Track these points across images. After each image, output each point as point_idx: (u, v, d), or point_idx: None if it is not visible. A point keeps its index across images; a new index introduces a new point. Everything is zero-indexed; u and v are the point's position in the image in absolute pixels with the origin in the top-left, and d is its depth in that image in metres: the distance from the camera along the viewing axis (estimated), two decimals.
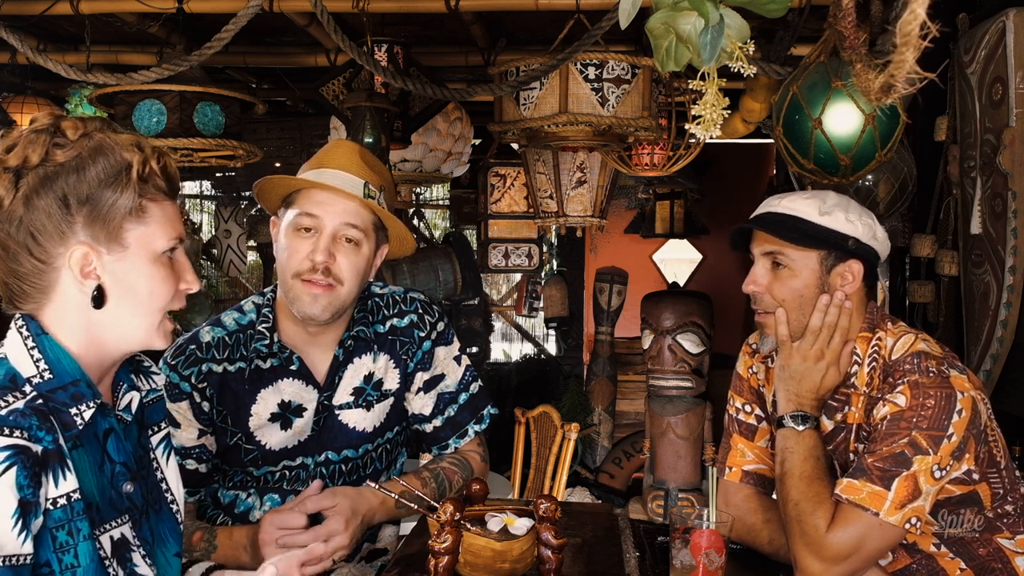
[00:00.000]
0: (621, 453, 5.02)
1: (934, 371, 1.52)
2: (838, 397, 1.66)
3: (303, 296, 1.65)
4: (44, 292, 1.15)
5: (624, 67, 2.71)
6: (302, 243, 1.66)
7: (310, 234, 1.66)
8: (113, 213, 1.14)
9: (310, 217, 1.65)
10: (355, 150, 1.74)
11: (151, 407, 1.32)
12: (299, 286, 1.65)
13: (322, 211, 1.65)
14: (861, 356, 1.63)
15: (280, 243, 1.71)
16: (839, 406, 1.65)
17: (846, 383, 1.64)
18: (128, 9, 3.23)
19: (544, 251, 5.99)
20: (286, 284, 1.68)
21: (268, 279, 6.30)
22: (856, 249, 1.60)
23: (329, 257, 1.64)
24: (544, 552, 1.45)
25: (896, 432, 1.49)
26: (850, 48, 1.30)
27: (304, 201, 1.67)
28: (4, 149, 1.13)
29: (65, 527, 1.09)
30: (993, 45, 2.41)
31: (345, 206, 1.66)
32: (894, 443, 1.48)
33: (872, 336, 1.63)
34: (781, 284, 1.63)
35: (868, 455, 1.50)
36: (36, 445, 1.06)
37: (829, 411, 1.67)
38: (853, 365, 1.63)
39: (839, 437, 1.66)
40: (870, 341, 1.63)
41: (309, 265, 1.64)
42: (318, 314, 1.66)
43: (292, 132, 5.31)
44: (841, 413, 1.65)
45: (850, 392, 1.63)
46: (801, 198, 1.64)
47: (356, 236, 1.68)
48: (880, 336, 1.63)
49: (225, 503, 1.79)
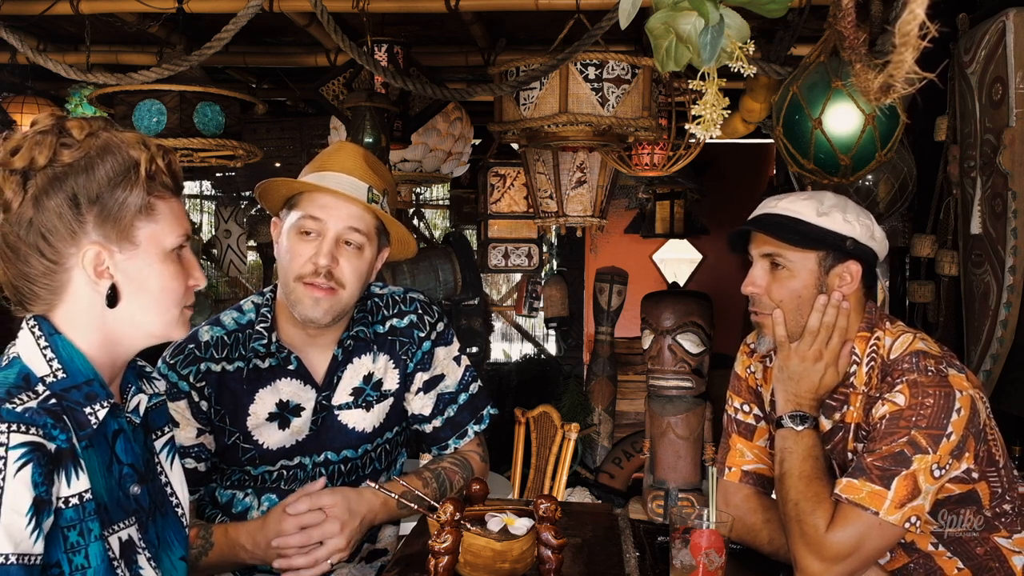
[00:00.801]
0: (621, 453, 5.02)
1: (932, 370, 1.52)
2: (836, 397, 1.66)
3: (304, 299, 1.65)
4: (55, 293, 1.16)
5: (624, 67, 2.71)
6: (305, 246, 1.66)
7: (312, 237, 1.66)
8: (124, 212, 1.15)
9: (313, 220, 1.65)
10: (359, 153, 1.74)
11: (155, 411, 1.32)
12: (301, 289, 1.65)
13: (326, 215, 1.65)
14: (859, 355, 1.63)
15: (282, 245, 1.70)
16: (837, 405, 1.66)
17: (845, 383, 1.64)
18: (128, 9, 3.23)
19: (544, 251, 5.99)
20: (287, 286, 1.68)
21: (268, 279, 6.30)
22: (854, 249, 1.61)
23: (332, 261, 1.64)
24: (544, 552, 1.45)
25: (895, 431, 1.49)
26: (850, 48, 1.30)
27: (308, 204, 1.67)
28: (8, 151, 1.13)
29: (77, 527, 1.09)
30: (993, 45, 2.41)
31: (349, 210, 1.66)
32: (893, 442, 1.48)
33: (871, 336, 1.63)
34: (779, 285, 1.63)
35: (867, 455, 1.50)
36: (51, 443, 1.06)
37: (827, 411, 1.67)
38: (852, 365, 1.63)
39: (837, 437, 1.66)
40: (868, 340, 1.63)
41: (311, 268, 1.64)
42: (319, 317, 1.66)
43: (292, 132, 5.31)
44: (839, 412, 1.65)
45: (848, 392, 1.64)
46: (799, 199, 1.64)
47: (359, 240, 1.68)
48: (879, 336, 1.63)
49: (223, 502, 1.79)
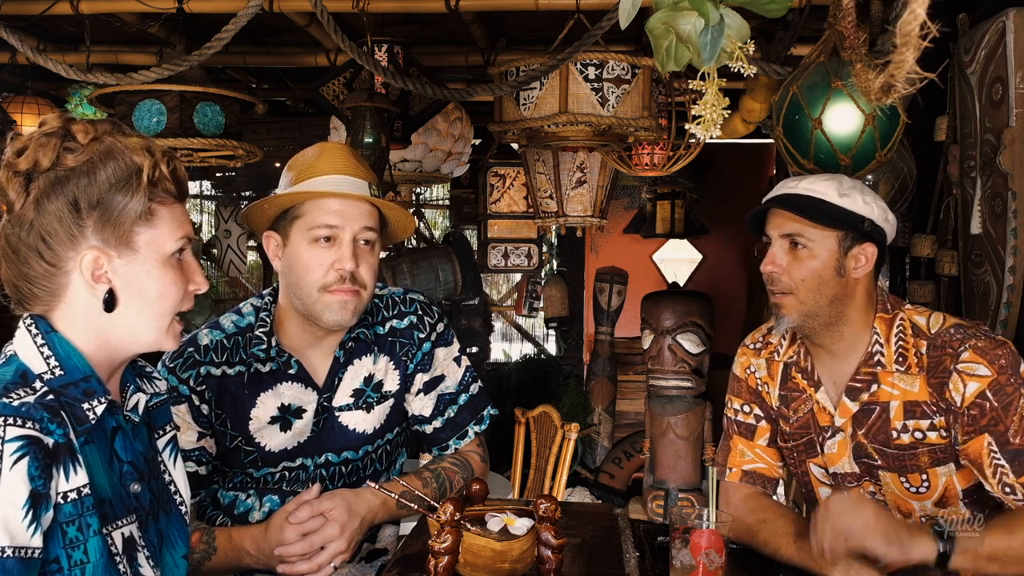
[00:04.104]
0: (621, 453, 5.02)
1: (982, 334, 1.59)
2: (861, 378, 1.67)
3: (333, 305, 1.65)
4: (54, 295, 1.16)
5: (624, 67, 2.71)
6: (324, 254, 1.65)
7: (329, 244, 1.65)
8: (123, 217, 1.15)
9: (329, 227, 1.64)
10: (347, 151, 1.73)
11: (157, 410, 1.32)
12: (327, 297, 1.65)
13: (341, 220, 1.64)
14: (881, 336, 1.65)
15: (293, 257, 1.67)
16: (864, 386, 1.67)
17: (869, 362, 1.66)
18: (128, 9, 3.23)
19: (544, 251, 5.99)
20: (311, 297, 1.66)
21: (268, 279, 6.31)
22: (871, 231, 1.63)
23: (355, 264, 1.65)
24: (544, 552, 1.45)
25: (1008, 400, 1.52)
26: (850, 48, 1.30)
27: (318, 212, 1.65)
28: (15, 152, 1.14)
29: (75, 522, 1.09)
30: (993, 45, 2.41)
31: (359, 211, 1.66)
32: (1015, 409, 1.52)
33: (891, 316, 1.66)
34: (800, 265, 1.65)
35: (1010, 437, 1.52)
36: (48, 437, 1.06)
37: (853, 393, 1.68)
38: (874, 345, 1.65)
39: (873, 415, 1.66)
40: (891, 321, 1.66)
41: (336, 276, 1.64)
42: (348, 320, 1.67)
43: (292, 132, 5.32)
44: (867, 393, 1.66)
45: (876, 371, 1.65)
46: (819, 180, 1.66)
47: (372, 238, 1.69)
48: (902, 317, 1.66)
49: (224, 504, 1.79)
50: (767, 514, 1.70)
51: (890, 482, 1.67)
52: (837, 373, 1.71)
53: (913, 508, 1.67)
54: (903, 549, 1.44)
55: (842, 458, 1.70)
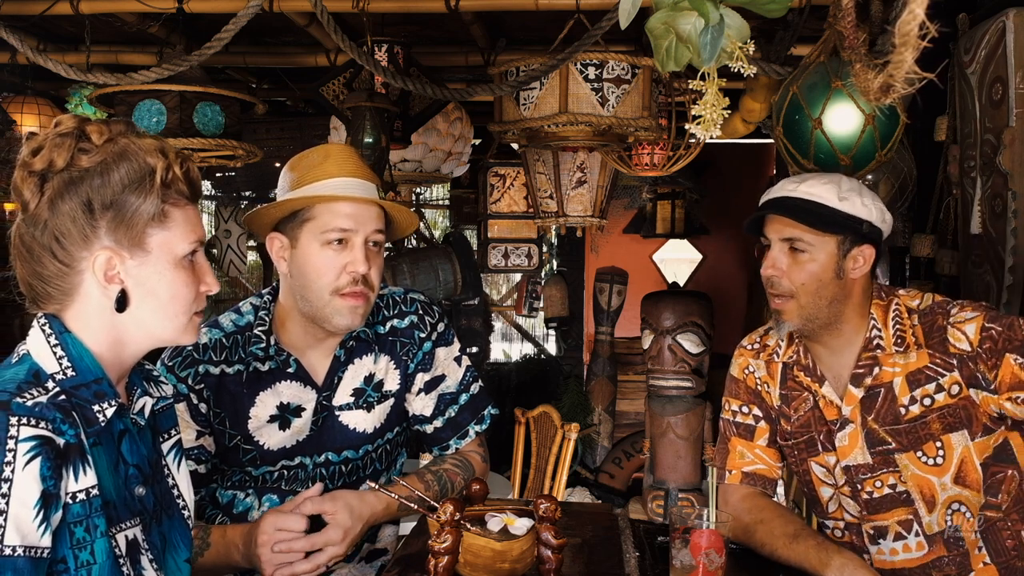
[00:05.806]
0: (621, 453, 5.02)
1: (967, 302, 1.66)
2: (863, 364, 1.69)
3: (343, 309, 1.65)
4: (67, 294, 1.17)
5: (624, 67, 2.71)
6: (336, 257, 1.65)
7: (341, 246, 1.65)
8: (136, 219, 1.15)
9: (343, 231, 1.64)
10: (354, 153, 1.73)
11: (162, 414, 1.33)
12: (339, 301, 1.65)
13: (354, 223, 1.64)
14: (879, 321, 1.69)
15: (302, 259, 1.67)
16: (865, 372, 1.69)
17: (869, 347, 1.68)
18: (128, 9, 3.23)
19: (544, 251, 5.99)
20: (321, 300, 1.66)
21: (268, 279, 6.31)
22: (869, 232, 1.65)
23: (368, 266, 1.66)
24: (544, 552, 1.45)
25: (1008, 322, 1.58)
26: (850, 48, 1.30)
27: (329, 216, 1.64)
28: (30, 152, 1.15)
29: (83, 523, 1.10)
30: (993, 45, 2.41)
31: (371, 214, 1.67)
32: (1019, 328, 1.57)
33: (886, 302, 1.70)
34: (799, 268, 1.67)
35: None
36: (59, 438, 1.07)
37: (856, 380, 1.69)
38: (872, 330, 1.68)
39: (880, 398, 1.67)
40: (887, 307, 1.70)
41: (349, 279, 1.64)
42: (358, 324, 1.68)
43: (292, 132, 5.32)
44: (870, 377, 1.68)
45: (876, 354, 1.68)
46: (819, 183, 1.67)
47: (381, 239, 1.70)
48: (897, 302, 1.70)
49: (223, 503, 1.79)
50: (764, 514, 1.70)
51: (908, 463, 1.67)
52: (839, 365, 1.73)
53: (936, 491, 1.66)
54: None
55: (854, 450, 1.70)
